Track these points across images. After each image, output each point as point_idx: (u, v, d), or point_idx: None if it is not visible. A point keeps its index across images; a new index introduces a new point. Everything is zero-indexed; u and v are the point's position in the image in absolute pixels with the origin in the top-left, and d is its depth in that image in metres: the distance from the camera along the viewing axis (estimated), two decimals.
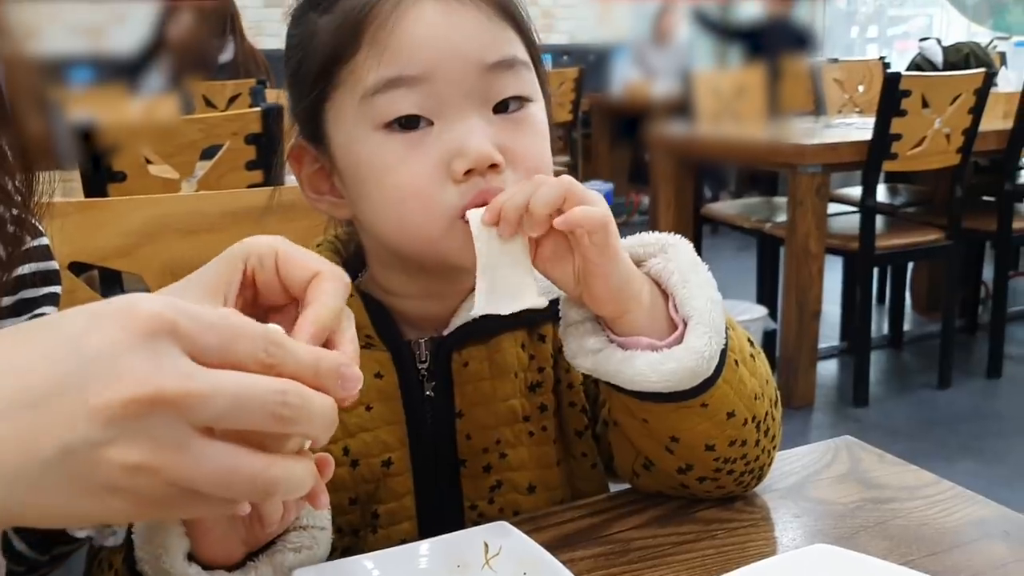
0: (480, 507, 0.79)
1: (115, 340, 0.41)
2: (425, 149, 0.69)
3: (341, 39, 0.69)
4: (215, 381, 0.42)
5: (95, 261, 1.05)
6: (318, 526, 0.64)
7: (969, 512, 0.72)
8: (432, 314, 0.79)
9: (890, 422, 3.06)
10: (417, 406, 0.78)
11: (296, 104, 0.76)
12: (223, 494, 0.44)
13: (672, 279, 0.69)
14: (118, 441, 0.41)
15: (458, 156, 0.68)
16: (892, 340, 3.75)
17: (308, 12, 0.74)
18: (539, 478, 0.80)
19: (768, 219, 3.32)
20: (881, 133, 2.91)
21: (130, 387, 0.40)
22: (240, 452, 0.43)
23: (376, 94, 0.68)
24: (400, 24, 0.68)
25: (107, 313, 0.42)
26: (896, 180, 3.84)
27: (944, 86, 2.99)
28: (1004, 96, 3.39)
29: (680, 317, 0.69)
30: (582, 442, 0.82)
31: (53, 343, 0.42)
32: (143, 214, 1.05)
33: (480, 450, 0.79)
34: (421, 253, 0.72)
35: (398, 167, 0.69)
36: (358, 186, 0.72)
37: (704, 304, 0.68)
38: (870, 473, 0.79)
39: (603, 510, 0.75)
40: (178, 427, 0.41)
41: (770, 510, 0.76)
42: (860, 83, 4.29)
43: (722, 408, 0.71)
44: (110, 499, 0.42)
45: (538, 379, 0.80)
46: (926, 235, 3.18)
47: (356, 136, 0.70)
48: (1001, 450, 2.81)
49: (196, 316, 0.43)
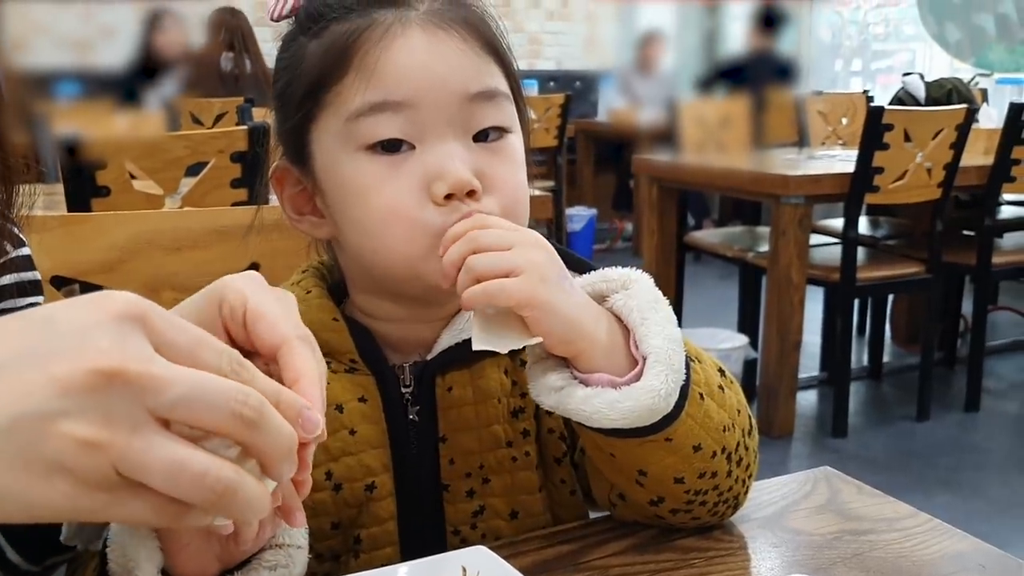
0: (463, 532, 0.79)
1: (86, 318, 0.42)
2: (407, 170, 0.70)
3: (329, 63, 0.71)
4: (177, 371, 0.43)
5: (77, 276, 1.04)
6: (295, 545, 0.64)
7: (946, 545, 0.73)
8: (415, 338, 0.79)
9: (869, 453, 3.07)
10: (401, 430, 0.78)
11: (281, 125, 0.77)
12: (170, 489, 0.43)
13: (632, 316, 0.69)
14: (72, 414, 0.41)
15: (437, 179, 0.70)
16: (872, 371, 3.77)
17: (298, 36, 0.75)
18: (521, 504, 0.80)
19: (750, 248, 3.34)
20: (864, 166, 2.94)
21: (93, 359, 0.41)
22: (191, 449, 0.44)
23: (361, 117, 0.70)
24: (388, 51, 0.70)
25: (84, 298, 0.44)
26: (878, 213, 3.87)
27: (926, 121, 3.02)
28: (985, 132, 3.43)
29: (639, 354, 0.69)
30: (561, 469, 0.82)
31: (26, 321, 0.44)
32: (127, 229, 1.04)
33: (463, 475, 0.78)
34: (402, 275, 0.73)
35: (381, 187, 0.70)
36: (341, 207, 0.74)
37: (661, 343, 0.68)
38: (848, 504, 0.80)
39: (581, 537, 0.75)
40: (134, 408, 0.42)
41: (748, 540, 0.75)
42: (843, 116, 4.34)
43: (687, 442, 0.70)
44: (55, 479, 0.42)
45: (520, 404, 0.80)
46: (906, 268, 3.20)
47: (340, 157, 0.72)
48: (978, 484, 2.83)
49: (168, 315, 0.44)
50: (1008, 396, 3.63)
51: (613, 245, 6.21)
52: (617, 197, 6.38)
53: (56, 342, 0.42)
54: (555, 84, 6.81)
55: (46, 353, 0.41)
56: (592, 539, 0.75)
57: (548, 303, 0.66)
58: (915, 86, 3.70)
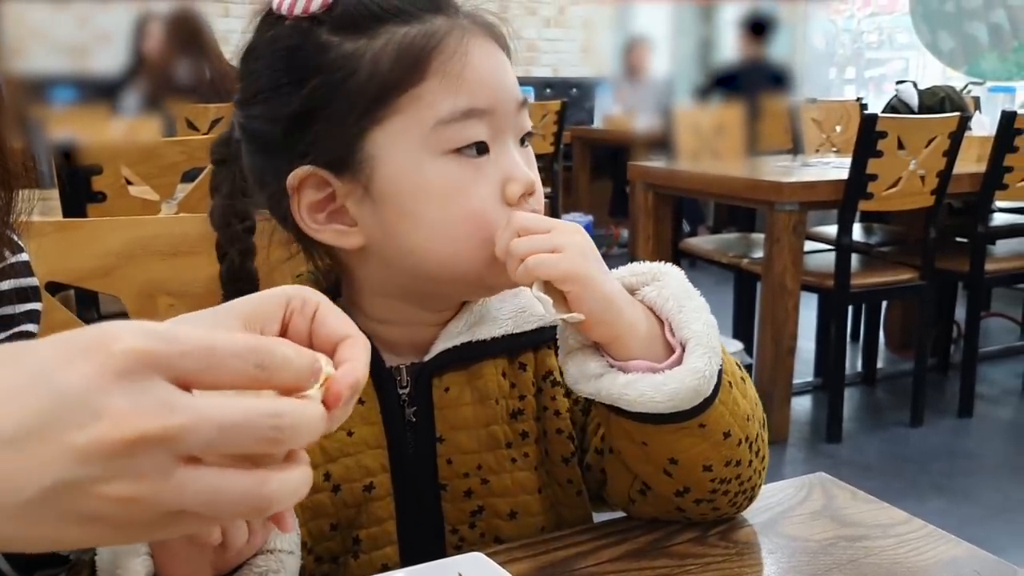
0: (461, 531, 0.79)
1: (90, 379, 0.39)
2: (487, 174, 0.72)
3: (405, 66, 0.70)
4: (199, 412, 0.40)
5: (72, 281, 1.04)
6: (286, 550, 0.64)
7: (941, 551, 0.73)
8: (413, 340, 0.79)
9: (863, 459, 3.07)
10: (399, 431, 0.78)
11: (323, 131, 0.72)
12: (211, 515, 0.43)
13: (667, 305, 0.72)
14: (102, 478, 0.39)
15: (511, 181, 0.73)
16: (866, 377, 3.77)
17: (322, 36, 0.71)
18: (520, 504, 0.80)
19: (745, 255, 3.34)
20: (857, 173, 2.95)
21: (110, 428, 0.39)
22: (226, 475, 0.42)
23: (452, 122, 0.71)
24: (470, 59, 0.71)
25: (80, 348, 0.40)
26: (871, 220, 3.88)
27: (920, 128, 3.03)
28: (978, 140, 3.45)
29: (677, 340, 0.71)
30: (568, 469, 0.83)
31: (26, 378, 0.40)
32: (122, 235, 1.04)
33: (461, 474, 0.79)
34: (462, 278, 0.74)
35: (469, 189, 0.72)
36: (411, 210, 0.72)
37: (701, 327, 0.70)
38: (843, 510, 0.80)
39: (577, 543, 0.75)
40: (163, 459, 0.40)
41: (743, 545, 0.76)
42: (837, 123, 4.35)
43: (718, 428, 0.72)
44: (93, 526, 0.41)
45: (519, 406, 0.81)
46: (900, 274, 3.21)
47: (420, 161, 0.71)
48: (972, 489, 2.83)
49: (174, 340, 0.41)
50: (1001, 402, 3.64)
51: (609, 251, 6.21)
52: (613, 204, 6.38)
53: (66, 412, 0.39)
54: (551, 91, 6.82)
55: (59, 425, 0.39)
56: (588, 545, 0.75)
57: (588, 278, 0.68)
58: (908, 94, 3.72)
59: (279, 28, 0.72)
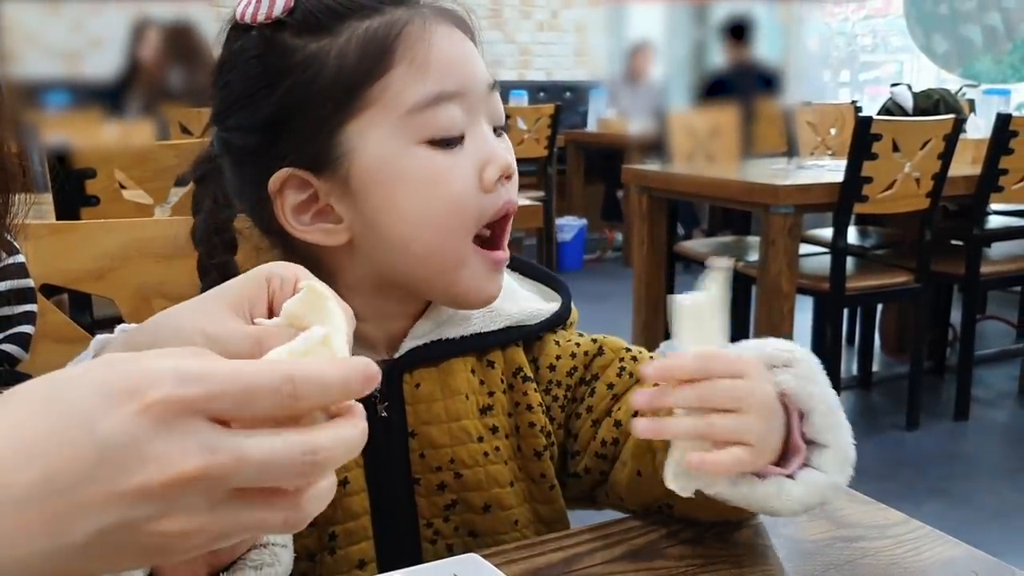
0: (436, 525, 0.80)
1: (132, 428, 0.40)
2: (464, 158, 0.73)
3: (370, 58, 0.71)
4: (240, 451, 0.41)
5: (67, 284, 1.04)
6: (279, 543, 0.64)
7: (938, 552, 0.73)
8: (387, 335, 0.80)
9: (859, 462, 3.03)
10: (371, 426, 0.77)
11: (279, 132, 0.73)
12: (261, 534, 0.45)
13: (812, 402, 0.70)
14: (154, 516, 0.41)
15: (489, 164, 0.73)
16: (861, 380, 3.78)
17: (287, 40, 0.72)
18: (493, 498, 0.81)
19: (740, 258, 3.34)
20: (852, 176, 2.95)
21: (156, 472, 0.40)
22: (271, 503, 0.43)
23: (424, 109, 0.71)
24: (433, 44, 0.72)
25: (117, 394, 0.41)
26: (866, 222, 3.88)
27: (914, 131, 3.04)
28: (973, 142, 3.45)
29: (811, 436, 0.70)
30: (541, 463, 0.83)
31: (67, 426, 0.40)
32: (117, 238, 1.04)
33: (434, 468, 0.80)
34: (445, 270, 0.75)
35: (449, 175, 0.72)
36: (391, 201, 0.72)
37: (847, 438, 0.71)
38: (840, 511, 0.80)
39: (573, 544, 0.75)
40: (210, 495, 0.42)
41: (740, 546, 0.75)
42: (832, 126, 4.36)
43: None
44: (153, 555, 0.43)
45: (488, 402, 0.82)
46: (895, 277, 3.22)
47: (395, 151, 0.71)
48: (968, 492, 2.83)
49: (210, 380, 0.41)
50: (997, 405, 3.64)
51: (603, 255, 6.21)
52: (607, 207, 6.39)
53: (113, 461, 0.40)
54: (545, 94, 6.83)
55: (107, 474, 0.40)
56: (585, 546, 0.74)
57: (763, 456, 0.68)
58: (903, 97, 3.72)
59: (246, 38, 0.73)
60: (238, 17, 0.74)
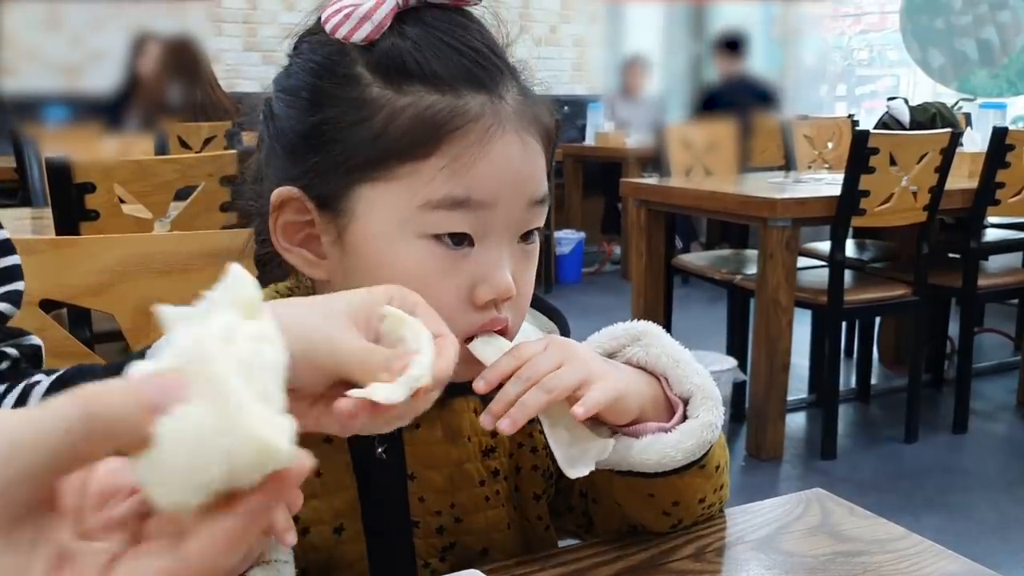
0: (432, 564, 0.79)
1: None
2: (461, 269, 0.68)
3: (416, 137, 0.66)
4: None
5: (67, 299, 1.04)
6: (282, 559, 0.64)
7: (940, 567, 0.73)
8: None
9: (858, 475, 3.07)
10: (368, 467, 0.77)
11: (310, 158, 0.69)
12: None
13: (661, 362, 0.74)
14: None
15: (484, 283, 0.68)
16: (860, 393, 3.77)
17: (363, 71, 0.68)
18: (492, 542, 0.80)
19: (738, 271, 3.34)
20: (850, 189, 2.96)
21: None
22: None
23: (439, 208, 0.66)
24: (486, 154, 0.67)
25: None
26: (864, 236, 3.89)
27: (911, 145, 3.05)
28: (969, 156, 3.46)
29: (676, 395, 0.74)
30: (539, 506, 0.83)
31: None
32: (116, 253, 1.04)
33: (433, 512, 0.78)
34: None
35: (436, 281, 0.67)
36: (374, 278, 0.65)
37: (701, 380, 0.73)
38: (841, 526, 0.80)
39: (574, 560, 0.75)
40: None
41: (742, 562, 0.75)
42: (829, 140, 4.37)
43: (713, 462, 0.76)
44: None
45: (491, 443, 0.81)
46: (893, 290, 3.22)
47: (396, 236, 0.67)
48: (967, 505, 2.83)
49: None
50: (995, 417, 3.64)
51: (602, 268, 6.21)
52: (605, 220, 6.39)
53: None
54: None
55: None
56: (585, 563, 0.74)
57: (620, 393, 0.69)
58: (900, 110, 3.73)
59: (324, 35, 0.70)
60: (322, 20, 0.69)
